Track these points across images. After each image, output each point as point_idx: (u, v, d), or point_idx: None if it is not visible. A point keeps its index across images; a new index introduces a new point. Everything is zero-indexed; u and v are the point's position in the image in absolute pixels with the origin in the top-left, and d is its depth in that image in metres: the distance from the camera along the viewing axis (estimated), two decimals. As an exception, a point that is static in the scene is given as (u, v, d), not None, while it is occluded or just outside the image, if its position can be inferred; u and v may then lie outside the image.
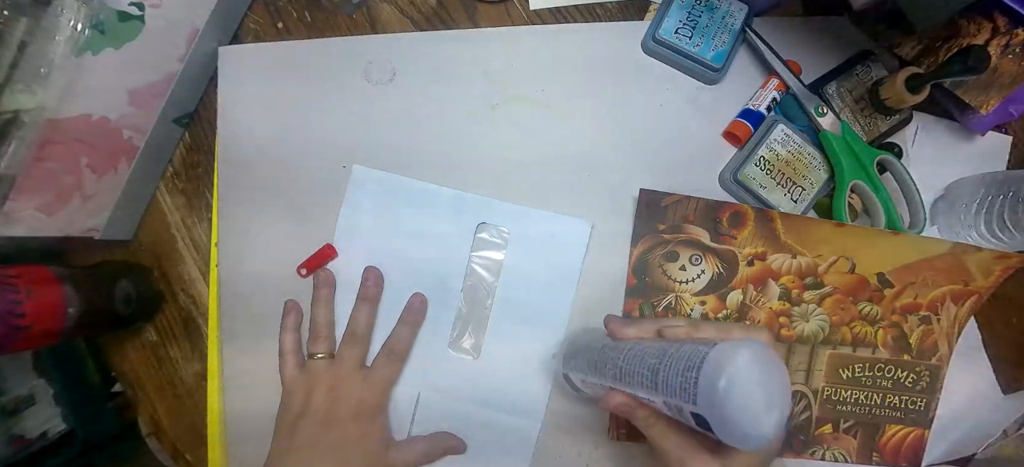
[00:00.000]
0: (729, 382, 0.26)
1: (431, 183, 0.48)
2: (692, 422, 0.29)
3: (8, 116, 0.35)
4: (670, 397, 0.29)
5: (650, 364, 0.31)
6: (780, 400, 0.29)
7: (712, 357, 0.27)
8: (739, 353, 0.27)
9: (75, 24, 0.35)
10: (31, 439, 0.47)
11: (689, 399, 0.28)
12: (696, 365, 0.28)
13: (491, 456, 0.47)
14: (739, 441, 0.27)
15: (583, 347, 0.40)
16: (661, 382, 0.30)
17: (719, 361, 0.27)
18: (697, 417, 0.28)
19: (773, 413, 0.28)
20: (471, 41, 0.50)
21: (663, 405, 0.30)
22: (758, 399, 0.27)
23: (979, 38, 0.45)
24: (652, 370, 0.31)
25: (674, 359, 0.30)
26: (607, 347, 0.37)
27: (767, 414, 0.28)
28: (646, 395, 0.32)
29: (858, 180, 0.46)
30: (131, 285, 0.47)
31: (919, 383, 0.48)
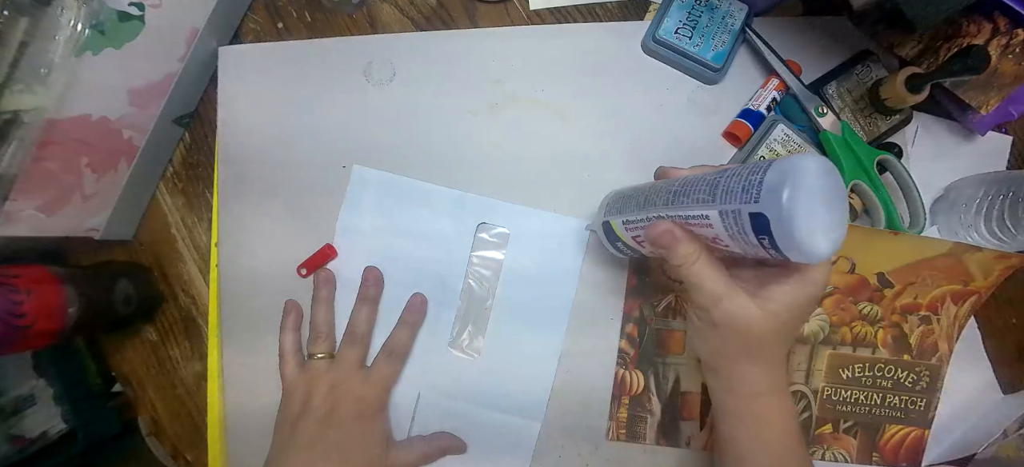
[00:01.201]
0: (796, 182, 0.26)
1: (431, 183, 0.48)
2: (748, 228, 0.28)
3: (8, 116, 0.35)
4: (728, 203, 0.29)
5: (709, 180, 0.31)
6: (839, 220, 0.28)
7: (781, 162, 0.27)
8: (808, 160, 0.27)
9: (75, 24, 0.35)
10: (31, 439, 0.47)
11: (751, 198, 0.27)
12: (762, 168, 0.28)
13: (491, 456, 0.47)
14: (795, 246, 0.27)
15: (630, 192, 0.39)
16: (721, 191, 0.29)
17: (789, 162, 0.27)
18: (756, 218, 0.27)
19: (832, 232, 0.28)
20: (471, 41, 0.50)
21: (717, 217, 0.29)
22: (819, 211, 0.27)
23: (979, 38, 0.45)
24: (711, 184, 0.30)
25: (735, 172, 0.29)
26: (659, 183, 0.36)
27: (825, 231, 0.27)
28: (699, 211, 0.31)
29: (858, 180, 0.46)
30: (131, 285, 0.47)
31: (919, 383, 0.48)
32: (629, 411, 0.47)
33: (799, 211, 0.26)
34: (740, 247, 0.30)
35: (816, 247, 0.27)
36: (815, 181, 0.27)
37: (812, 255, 0.27)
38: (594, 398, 0.47)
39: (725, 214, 0.29)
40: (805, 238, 0.27)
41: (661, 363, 0.47)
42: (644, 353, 0.47)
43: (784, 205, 0.26)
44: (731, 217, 0.29)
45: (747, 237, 0.29)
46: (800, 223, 0.26)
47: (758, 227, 0.28)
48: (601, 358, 0.47)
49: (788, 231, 0.27)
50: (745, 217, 0.28)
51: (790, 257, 0.28)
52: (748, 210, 0.28)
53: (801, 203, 0.26)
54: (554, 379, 0.47)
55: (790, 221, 0.26)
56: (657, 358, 0.47)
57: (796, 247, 0.27)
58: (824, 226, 0.27)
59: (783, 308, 0.32)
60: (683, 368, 0.48)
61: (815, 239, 0.27)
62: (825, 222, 0.27)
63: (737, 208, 0.28)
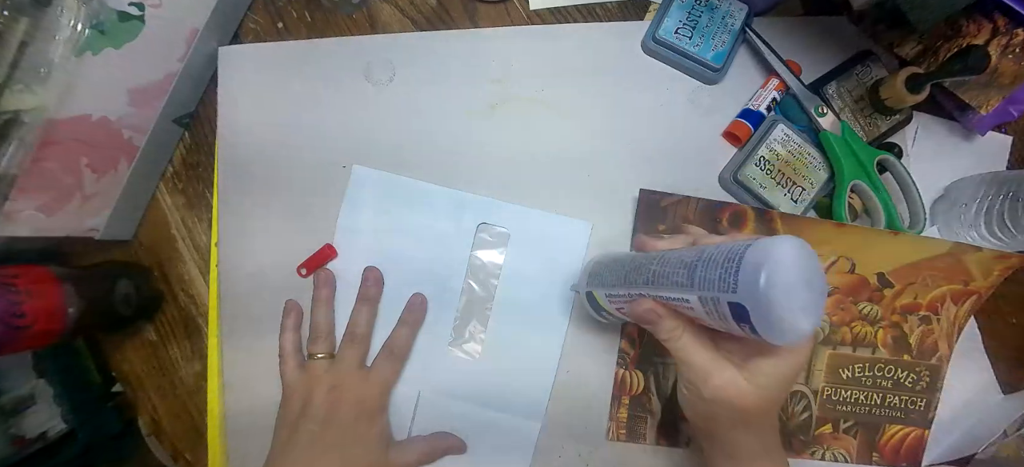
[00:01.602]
0: (772, 271, 0.26)
1: (431, 183, 0.48)
2: (728, 315, 0.28)
3: (8, 116, 0.35)
4: (706, 291, 0.29)
5: (687, 262, 0.31)
6: (818, 298, 0.28)
7: (756, 246, 0.27)
8: (783, 244, 0.27)
9: (75, 24, 0.36)
10: (31, 439, 0.47)
11: (728, 288, 0.28)
12: (738, 255, 0.28)
13: (491, 456, 0.47)
14: (776, 332, 0.27)
15: (610, 263, 0.39)
16: (698, 278, 0.30)
17: (763, 250, 0.27)
18: (734, 307, 0.28)
19: (810, 311, 0.28)
20: (471, 41, 0.50)
21: (697, 301, 0.30)
22: (799, 292, 0.27)
23: (979, 38, 0.45)
24: (689, 268, 0.30)
25: (713, 256, 0.29)
26: (638, 257, 0.36)
27: (804, 311, 0.27)
28: (678, 295, 0.31)
29: (858, 180, 0.46)
30: (131, 285, 0.47)
31: (919, 383, 0.48)
32: (629, 411, 0.47)
33: (778, 299, 0.26)
34: (722, 327, 0.30)
35: (797, 329, 0.27)
36: (792, 264, 0.27)
37: (794, 336, 0.27)
38: (594, 398, 0.47)
39: (705, 300, 0.30)
40: (785, 323, 0.27)
41: (661, 363, 0.47)
42: (644, 353, 0.47)
43: (762, 295, 0.26)
44: (711, 304, 0.29)
45: (728, 323, 0.29)
46: (779, 310, 0.26)
47: (738, 315, 0.28)
48: (601, 358, 0.47)
49: (767, 319, 0.27)
50: (724, 305, 0.28)
51: (771, 341, 0.28)
52: (726, 299, 0.28)
53: (779, 290, 0.26)
54: (554, 379, 0.47)
55: (768, 310, 0.26)
56: (657, 358, 0.47)
57: (777, 333, 0.27)
58: (804, 307, 0.27)
59: (771, 381, 0.32)
60: (683, 368, 0.48)
61: (796, 322, 0.27)
62: (805, 302, 0.27)
63: (715, 296, 0.29)
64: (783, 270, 0.27)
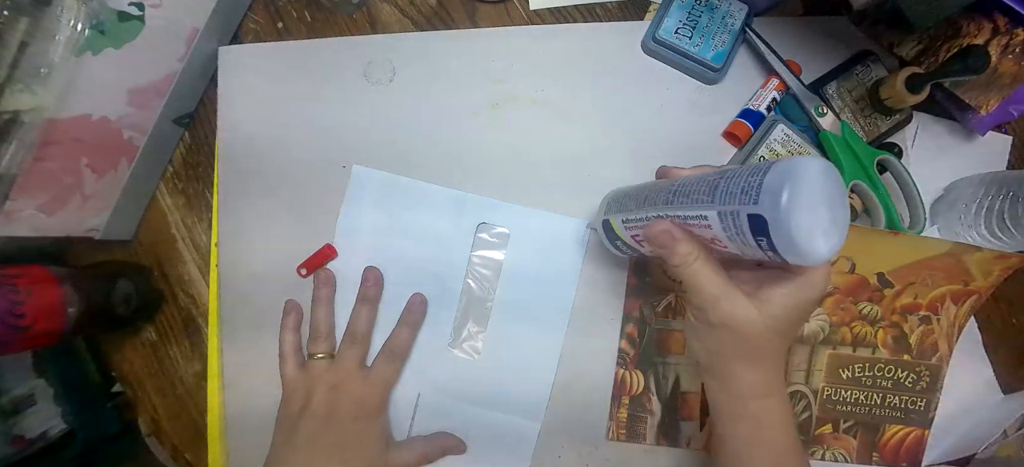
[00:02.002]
0: (795, 183, 0.26)
1: (431, 183, 0.48)
2: (746, 229, 0.28)
3: (8, 116, 0.35)
4: (727, 204, 0.29)
5: (709, 180, 0.30)
6: (840, 225, 0.28)
7: (781, 163, 0.27)
8: (810, 162, 0.27)
9: (75, 24, 0.35)
10: (31, 439, 0.47)
11: (750, 200, 0.27)
12: (762, 170, 0.27)
13: (491, 456, 0.47)
14: (794, 249, 0.27)
15: (629, 190, 0.39)
16: (720, 192, 0.29)
17: (790, 164, 0.27)
18: (754, 220, 0.27)
19: (831, 235, 0.27)
20: (471, 41, 0.50)
21: (716, 217, 0.29)
22: (820, 212, 0.27)
23: (979, 38, 0.45)
24: (711, 184, 0.30)
25: (737, 173, 0.29)
26: (659, 183, 0.36)
27: (824, 234, 0.27)
28: (698, 211, 0.31)
29: (858, 180, 0.46)
30: (131, 285, 0.47)
31: (919, 383, 0.48)
32: (629, 411, 0.47)
33: (798, 213, 0.26)
34: (739, 248, 0.30)
35: (815, 249, 0.27)
36: (815, 183, 0.27)
37: (811, 257, 0.27)
38: (594, 398, 0.47)
39: (724, 215, 0.29)
40: (803, 240, 0.26)
41: (661, 363, 0.47)
42: (644, 353, 0.47)
43: (783, 207, 0.26)
44: (730, 218, 0.29)
45: (746, 239, 0.28)
46: (798, 225, 0.26)
47: (756, 229, 0.27)
48: (601, 358, 0.47)
49: (786, 233, 0.26)
50: (743, 219, 0.28)
51: (788, 259, 0.28)
52: (747, 211, 0.28)
53: (800, 205, 0.26)
54: (554, 379, 0.47)
55: (788, 223, 0.26)
56: (657, 358, 0.47)
57: (794, 250, 0.27)
58: (824, 228, 0.27)
59: (782, 310, 0.31)
60: (683, 368, 0.48)
61: (814, 241, 0.27)
62: (825, 224, 0.27)
63: (736, 209, 0.28)
64: (807, 186, 0.26)
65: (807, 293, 0.31)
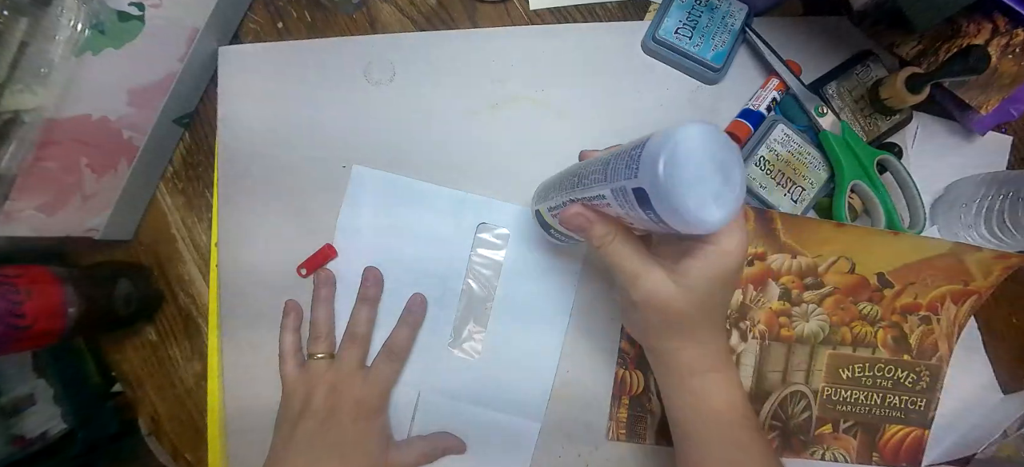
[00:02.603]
0: (671, 153, 0.25)
1: (431, 183, 0.48)
2: (635, 203, 0.27)
3: (8, 116, 0.35)
4: (616, 180, 0.28)
5: (604, 159, 0.30)
6: (733, 188, 0.27)
7: (660, 132, 0.27)
8: (687, 128, 0.26)
9: (75, 24, 0.35)
10: (31, 439, 0.47)
11: (632, 173, 0.27)
12: (643, 142, 0.27)
13: (491, 456, 0.47)
14: (680, 218, 0.26)
15: (552, 178, 0.39)
16: (610, 170, 0.29)
17: (666, 133, 0.26)
18: (637, 193, 0.27)
19: (723, 200, 0.27)
20: (471, 41, 0.50)
21: (610, 194, 0.29)
22: (706, 177, 0.26)
23: (979, 38, 0.45)
24: (604, 163, 0.30)
25: (624, 148, 0.29)
26: (573, 166, 0.36)
27: (715, 198, 0.26)
28: (597, 192, 0.30)
29: (858, 180, 0.46)
30: (131, 285, 0.47)
31: (919, 383, 0.48)
32: (629, 411, 0.47)
33: (677, 181, 0.25)
34: (641, 224, 0.29)
35: (704, 216, 0.26)
36: (696, 147, 0.26)
37: (702, 224, 0.26)
38: (594, 398, 0.47)
39: (615, 192, 0.29)
40: (689, 207, 0.26)
41: (661, 363, 0.47)
42: (644, 353, 0.47)
43: (660, 177, 0.25)
44: (621, 194, 0.28)
45: (638, 213, 0.28)
46: (680, 194, 0.25)
47: (641, 201, 0.27)
48: (601, 358, 0.47)
49: (668, 203, 0.26)
50: (630, 193, 0.27)
51: (680, 229, 0.27)
52: (631, 186, 0.27)
53: (678, 171, 0.25)
54: (554, 379, 0.47)
55: (668, 193, 0.25)
56: (657, 358, 0.47)
57: (680, 218, 0.26)
58: (713, 192, 0.26)
59: (699, 282, 0.31)
60: (683, 368, 0.47)
61: (702, 207, 0.26)
62: (714, 188, 0.26)
63: (622, 184, 0.28)
64: (685, 153, 0.26)
65: (723, 262, 0.31)
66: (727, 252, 0.31)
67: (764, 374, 0.48)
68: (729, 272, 0.31)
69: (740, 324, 0.48)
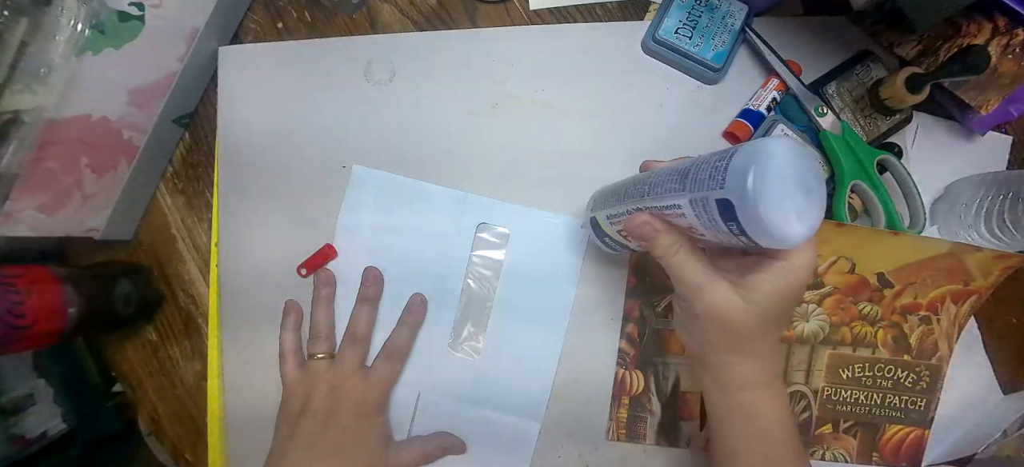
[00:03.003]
0: (761, 165, 0.26)
1: (431, 183, 0.48)
2: (717, 215, 0.27)
3: (8, 116, 0.35)
4: (697, 191, 0.28)
5: (681, 169, 0.30)
6: (815, 204, 0.27)
7: (748, 145, 0.27)
8: (775, 142, 0.26)
9: (75, 24, 0.35)
10: (31, 439, 0.47)
11: (717, 184, 0.27)
12: (729, 153, 0.27)
13: (491, 456, 0.47)
14: (765, 231, 0.26)
15: (613, 187, 0.39)
16: (690, 180, 0.29)
17: (754, 146, 0.26)
18: (722, 205, 0.27)
19: (805, 215, 0.27)
20: (471, 41, 0.50)
21: (688, 204, 0.29)
22: (790, 191, 0.26)
23: (979, 38, 0.45)
24: (682, 173, 0.30)
25: (706, 159, 0.29)
26: (638, 175, 0.36)
27: (798, 214, 0.26)
28: (671, 201, 0.30)
29: (858, 180, 0.46)
30: (131, 285, 0.47)
31: (919, 383, 0.48)
32: (629, 411, 0.47)
33: (765, 194, 0.26)
34: (715, 236, 0.29)
35: (787, 231, 0.26)
36: (784, 162, 0.26)
37: (784, 239, 0.27)
38: (594, 398, 0.47)
39: (695, 202, 0.29)
40: (773, 222, 0.26)
41: (661, 363, 0.47)
42: (644, 353, 0.47)
43: (748, 189, 0.25)
44: (701, 205, 0.28)
45: (717, 225, 0.28)
46: (767, 207, 0.26)
47: (725, 214, 0.27)
48: (601, 358, 0.47)
49: (754, 216, 0.26)
50: (713, 204, 0.27)
51: (761, 243, 0.27)
52: (715, 197, 0.27)
53: (767, 186, 0.26)
54: (554, 379, 0.47)
55: (756, 205, 0.26)
56: (657, 358, 0.47)
57: (765, 232, 0.26)
58: (797, 208, 0.27)
59: (766, 297, 0.31)
60: (683, 368, 0.48)
61: (786, 222, 0.26)
62: (797, 204, 0.27)
63: (705, 196, 0.28)
64: (773, 165, 0.26)
65: (792, 278, 0.31)
66: (798, 268, 0.30)
67: (764, 374, 0.47)
68: (797, 288, 0.31)
69: (740, 324, 0.48)
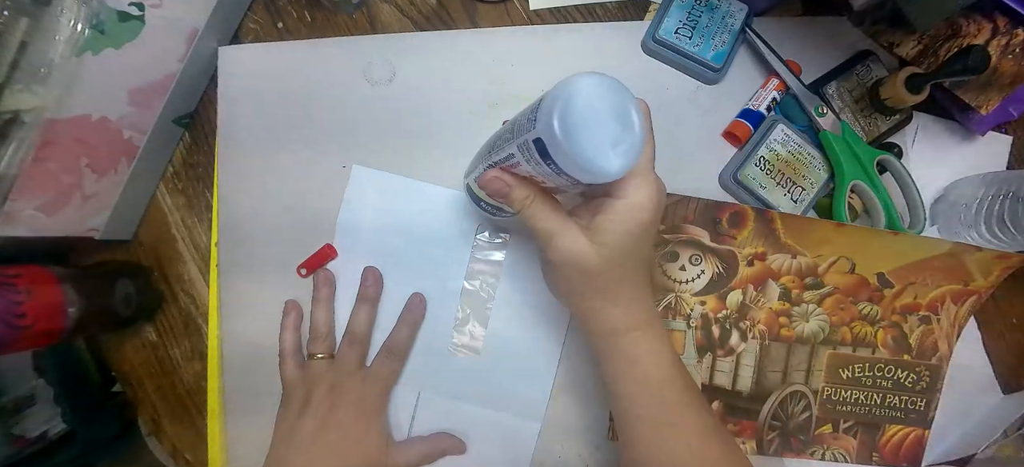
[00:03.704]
0: (566, 100, 0.26)
1: (431, 183, 0.48)
2: (537, 157, 0.28)
3: (8, 116, 0.35)
4: (519, 136, 0.29)
5: (513, 118, 0.31)
6: (633, 136, 0.27)
7: (555, 86, 0.27)
8: (582, 77, 0.27)
9: (75, 24, 0.35)
10: (31, 439, 0.47)
11: (532, 125, 0.27)
12: (542, 97, 0.27)
13: (491, 456, 0.47)
14: (580, 167, 0.26)
15: (478, 151, 0.39)
16: (516, 127, 0.29)
17: (562, 83, 0.27)
18: (537, 145, 0.27)
19: (622, 149, 0.27)
20: (471, 41, 0.50)
21: (517, 151, 0.30)
22: (603, 125, 0.27)
23: (979, 38, 0.45)
24: (513, 122, 0.31)
25: (528, 105, 0.29)
26: (492, 136, 0.36)
27: (614, 147, 0.27)
28: (507, 152, 0.31)
29: (858, 180, 0.46)
30: (131, 285, 0.47)
31: (919, 383, 0.48)
32: (629, 411, 0.47)
33: (570, 129, 0.26)
34: (551, 181, 0.30)
35: (602, 163, 0.27)
36: (591, 96, 0.26)
37: (601, 172, 0.27)
38: (594, 398, 0.47)
39: (521, 148, 0.29)
40: (585, 155, 0.26)
41: (661, 363, 0.47)
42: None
43: (555, 126, 0.26)
44: (525, 150, 0.29)
45: (541, 166, 0.28)
46: (574, 141, 0.26)
47: (542, 153, 0.27)
48: (601, 358, 0.47)
49: (564, 151, 0.26)
50: (531, 145, 0.28)
51: (581, 179, 0.27)
52: (531, 138, 0.27)
53: (572, 120, 0.26)
54: (554, 379, 0.47)
55: (566, 140, 0.26)
56: (657, 358, 0.47)
57: (579, 166, 0.26)
58: (612, 139, 0.27)
59: (614, 238, 0.31)
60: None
61: (600, 154, 0.26)
62: (613, 135, 0.27)
63: (525, 139, 0.28)
64: (579, 100, 0.26)
65: (634, 215, 0.31)
66: (637, 205, 0.31)
67: (764, 374, 0.48)
68: (642, 226, 0.31)
69: (740, 324, 0.48)
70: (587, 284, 0.33)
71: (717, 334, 0.48)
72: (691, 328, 0.47)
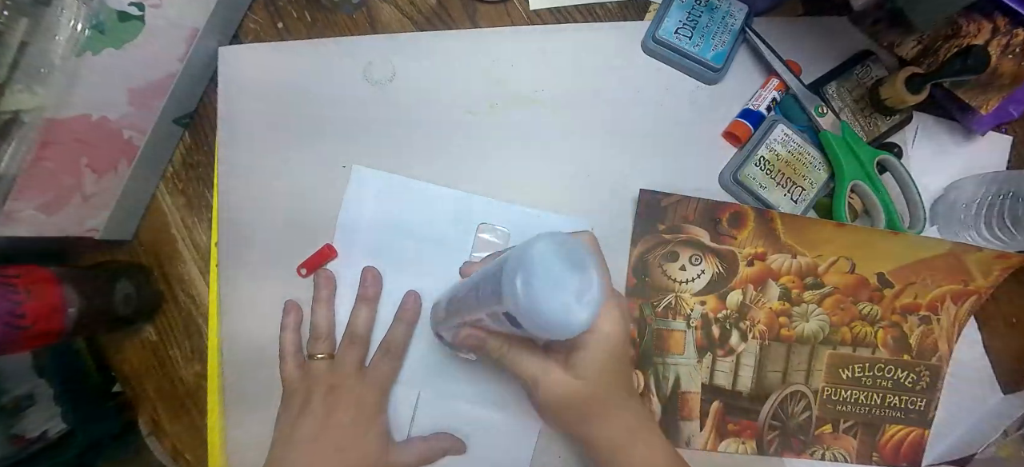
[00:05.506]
0: (527, 274, 0.27)
1: (431, 183, 0.48)
2: (509, 325, 0.29)
3: (8, 116, 0.35)
4: (487, 306, 0.30)
5: (474, 283, 0.32)
6: (590, 279, 0.28)
7: (512, 254, 0.28)
8: (534, 245, 0.27)
9: (75, 24, 0.35)
10: (31, 439, 0.47)
11: (497, 300, 0.28)
12: (500, 267, 0.28)
13: (491, 456, 0.47)
14: (554, 329, 0.27)
15: (443, 300, 0.40)
16: (482, 296, 0.30)
17: (517, 256, 0.27)
18: (509, 317, 0.28)
19: (587, 297, 0.28)
20: (471, 41, 0.50)
21: (487, 319, 0.31)
22: (564, 284, 0.27)
23: (979, 38, 0.45)
24: (475, 288, 0.31)
25: (487, 272, 0.30)
26: (455, 288, 0.37)
27: (578, 299, 0.28)
28: (476, 316, 0.32)
29: (858, 180, 0.46)
30: (131, 285, 0.47)
31: (919, 383, 0.48)
32: (629, 411, 0.47)
33: (539, 300, 0.27)
34: (525, 335, 0.31)
35: (570, 321, 0.27)
36: (548, 260, 0.27)
37: (569, 328, 0.28)
38: (594, 398, 0.47)
39: (491, 316, 0.30)
40: (555, 319, 0.27)
41: (661, 363, 0.47)
42: (644, 353, 0.47)
43: (521, 301, 0.26)
44: (495, 319, 0.30)
45: (516, 331, 0.29)
46: (541, 310, 0.27)
47: (513, 323, 0.28)
48: (601, 358, 0.47)
49: (537, 322, 0.27)
50: (501, 317, 0.29)
51: (554, 337, 0.28)
52: (500, 311, 0.28)
53: (537, 290, 0.27)
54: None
55: (534, 313, 0.27)
56: (657, 358, 0.47)
57: (550, 329, 0.27)
58: (575, 293, 0.28)
59: (595, 369, 0.33)
60: (683, 368, 0.48)
61: (568, 313, 0.27)
62: (574, 289, 0.28)
63: (494, 310, 0.29)
64: (539, 268, 0.27)
65: (607, 345, 0.33)
66: (608, 335, 0.33)
67: (764, 374, 0.48)
68: (616, 350, 0.34)
69: (740, 324, 0.48)
70: (580, 414, 0.35)
71: (717, 334, 0.48)
72: (691, 328, 0.47)
